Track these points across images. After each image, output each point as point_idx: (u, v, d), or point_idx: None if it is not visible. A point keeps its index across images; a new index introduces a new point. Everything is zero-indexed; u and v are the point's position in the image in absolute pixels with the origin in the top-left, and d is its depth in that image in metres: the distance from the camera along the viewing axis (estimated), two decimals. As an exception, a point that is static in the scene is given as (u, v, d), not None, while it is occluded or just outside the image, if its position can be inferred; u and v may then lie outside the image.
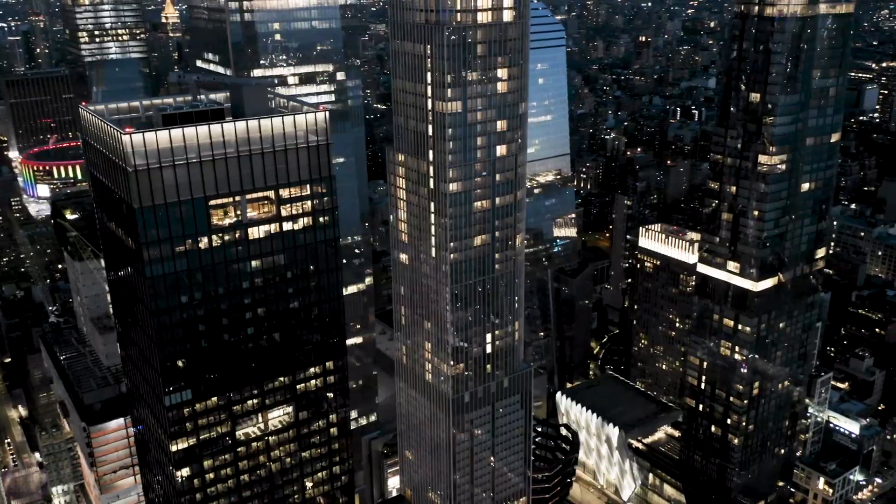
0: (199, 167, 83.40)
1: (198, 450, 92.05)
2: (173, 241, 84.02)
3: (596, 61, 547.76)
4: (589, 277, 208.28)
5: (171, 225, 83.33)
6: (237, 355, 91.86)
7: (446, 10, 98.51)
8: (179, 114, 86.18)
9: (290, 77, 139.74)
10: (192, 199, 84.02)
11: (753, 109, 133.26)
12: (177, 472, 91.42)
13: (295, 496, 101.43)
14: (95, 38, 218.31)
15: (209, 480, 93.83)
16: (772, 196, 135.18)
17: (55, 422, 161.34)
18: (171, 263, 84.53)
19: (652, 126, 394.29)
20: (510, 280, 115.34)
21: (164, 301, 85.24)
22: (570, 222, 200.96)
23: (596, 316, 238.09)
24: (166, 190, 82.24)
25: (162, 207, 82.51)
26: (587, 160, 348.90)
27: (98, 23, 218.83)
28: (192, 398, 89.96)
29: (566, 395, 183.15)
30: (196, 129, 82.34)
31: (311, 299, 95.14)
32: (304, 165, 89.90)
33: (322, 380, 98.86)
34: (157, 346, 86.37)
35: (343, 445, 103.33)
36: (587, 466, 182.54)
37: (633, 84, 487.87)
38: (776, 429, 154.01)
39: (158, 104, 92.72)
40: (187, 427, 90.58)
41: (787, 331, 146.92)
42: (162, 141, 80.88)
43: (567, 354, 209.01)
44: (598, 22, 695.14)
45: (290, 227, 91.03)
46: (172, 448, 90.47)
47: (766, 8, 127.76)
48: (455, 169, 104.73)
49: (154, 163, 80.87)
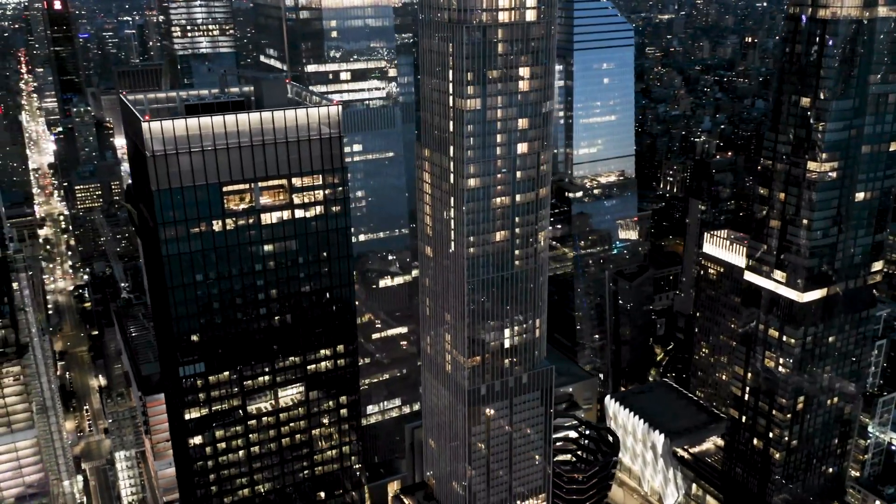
0: (213, 154, 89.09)
1: (210, 420, 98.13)
2: (188, 222, 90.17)
3: (699, 62, 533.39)
4: (648, 282, 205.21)
5: (186, 207, 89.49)
6: (249, 333, 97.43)
7: (469, 8, 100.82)
8: (202, 104, 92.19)
9: (342, 73, 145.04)
10: (207, 185, 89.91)
11: (804, 114, 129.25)
12: (190, 439, 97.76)
13: (304, 472, 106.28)
14: (187, 33, 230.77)
15: (220, 450, 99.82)
16: (821, 204, 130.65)
17: (121, 391, 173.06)
18: (186, 243, 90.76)
19: (749, 130, 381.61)
20: (532, 277, 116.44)
21: (179, 278, 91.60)
22: (631, 224, 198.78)
23: (664, 322, 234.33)
24: (182, 175, 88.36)
25: (178, 191, 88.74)
26: (675, 162, 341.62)
27: (190, 18, 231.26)
28: (206, 371, 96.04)
29: (615, 400, 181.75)
30: (211, 118, 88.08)
31: (323, 284, 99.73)
32: (317, 156, 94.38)
33: (332, 362, 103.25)
34: (173, 320, 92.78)
35: (353, 427, 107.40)
36: (633, 472, 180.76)
37: (735, 86, 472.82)
38: (824, 446, 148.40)
39: (195, 95, 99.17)
40: (200, 398, 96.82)
41: (837, 345, 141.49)
42: (179, 129, 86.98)
43: (623, 359, 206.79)
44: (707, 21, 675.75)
45: (302, 214, 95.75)
46: (186, 416, 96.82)
47: (819, 10, 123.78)
48: (474, 165, 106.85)
49: (171, 149, 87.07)
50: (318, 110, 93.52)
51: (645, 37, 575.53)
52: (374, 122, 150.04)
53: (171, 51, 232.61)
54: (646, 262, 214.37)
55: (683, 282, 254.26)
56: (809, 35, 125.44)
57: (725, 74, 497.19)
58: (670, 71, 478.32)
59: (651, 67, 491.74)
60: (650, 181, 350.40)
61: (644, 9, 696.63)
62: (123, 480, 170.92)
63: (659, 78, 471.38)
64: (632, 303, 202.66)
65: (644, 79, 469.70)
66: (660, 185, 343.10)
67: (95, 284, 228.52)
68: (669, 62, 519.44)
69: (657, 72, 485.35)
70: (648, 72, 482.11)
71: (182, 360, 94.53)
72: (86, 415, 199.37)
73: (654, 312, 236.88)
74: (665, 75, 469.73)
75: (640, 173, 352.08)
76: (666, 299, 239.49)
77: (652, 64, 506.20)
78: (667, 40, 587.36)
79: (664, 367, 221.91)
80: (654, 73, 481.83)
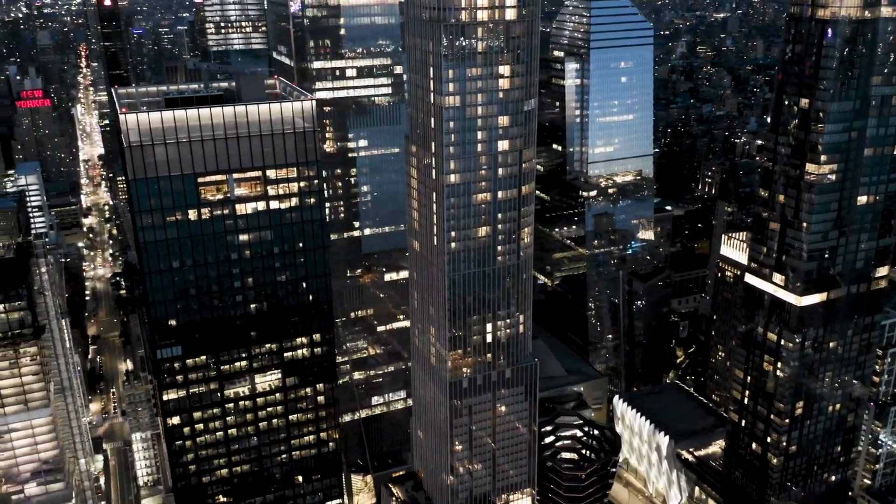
0: (188, 146, 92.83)
1: (188, 401, 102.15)
2: (164, 211, 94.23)
3: (752, 61, 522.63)
4: (665, 283, 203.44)
5: (162, 196, 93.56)
6: (226, 319, 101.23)
7: (448, 7, 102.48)
8: (181, 98, 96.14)
9: (348, 69, 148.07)
10: (183, 175, 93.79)
11: (803, 116, 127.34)
12: (168, 419, 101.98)
13: (282, 455, 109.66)
14: (221, 30, 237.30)
15: (198, 430, 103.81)
16: (819, 207, 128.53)
17: (139, 375, 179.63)
18: (162, 231, 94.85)
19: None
20: (515, 273, 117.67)
21: (157, 264, 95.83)
22: (647, 225, 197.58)
23: (687, 324, 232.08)
24: (158, 165, 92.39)
25: (154, 181, 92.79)
26: (714, 163, 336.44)
27: (224, 15, 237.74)
28: (183, 354, 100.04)
29: (623, 400, 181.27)
30: (186, 111, 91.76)
31: (298, 274, 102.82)
32: (291, 149, 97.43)
33: (309, 350, 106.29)
34: (150, 304, 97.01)
35: (330, 414, 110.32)
36: (638, 473, 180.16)
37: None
38: (825, 453, 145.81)
39: (183, 89, 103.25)
40: (178, 380, 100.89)
41: (838, 351, 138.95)
42: (154, 121, 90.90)
43: (638, 360, 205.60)
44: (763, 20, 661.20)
45: (277, 205, 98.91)
46: (164, 398, 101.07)
47: (818, 10, 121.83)
48: (454, 161, 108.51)
49: (147, 140, 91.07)
50: (293, 105, 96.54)
51: (697, 35, 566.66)
52: (379, 119, 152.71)
53: (206, 47, 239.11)
54: (664, 264, 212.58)
55: (708, 284, 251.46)
56: (809, 35, 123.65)
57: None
58: (720, 70, 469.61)
59: (700, 67, 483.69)
60: (689, 182, 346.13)
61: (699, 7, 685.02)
62: (139, 461, 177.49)
63: (708, 77, 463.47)
64: (647, 304, 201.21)
65: (693, 78, 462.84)
66: (698, 186, 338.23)
67: (128, 272, 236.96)
68: (720, 61, 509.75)
69: (706, 71, 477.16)
70: (698, 71, 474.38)
71: (160, 342, 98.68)
72: (112, 397, 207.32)
73: (679, 314, 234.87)
74: (714, 75, 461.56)
75: (678, 174, 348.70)
76: (693, 301, 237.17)
77: (702, 63, 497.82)
78: (720, 39, 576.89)
79: (683, 369, 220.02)
80: (704, 73, 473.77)
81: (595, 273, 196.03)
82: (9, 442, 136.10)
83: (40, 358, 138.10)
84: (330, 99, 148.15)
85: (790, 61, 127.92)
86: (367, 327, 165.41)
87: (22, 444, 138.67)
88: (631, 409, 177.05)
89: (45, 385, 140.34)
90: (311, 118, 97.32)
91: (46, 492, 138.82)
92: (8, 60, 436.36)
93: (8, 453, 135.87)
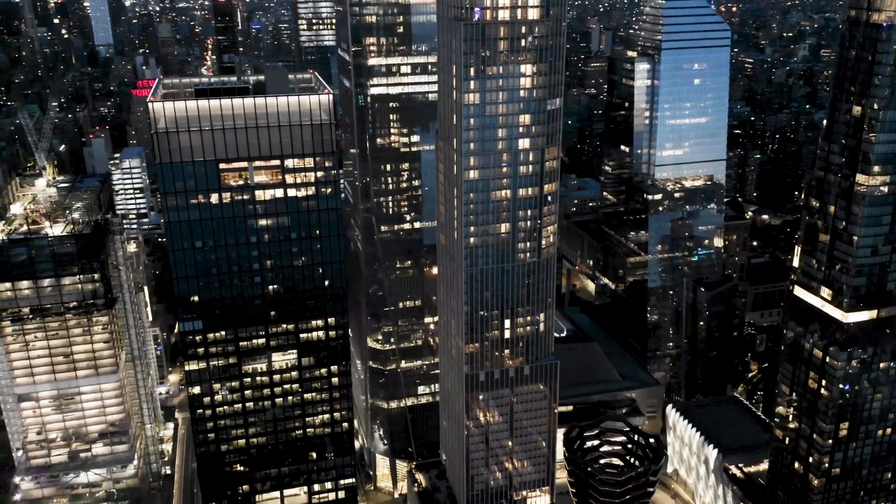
0: (210, 134, 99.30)
1: (208, 373, 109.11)
2: (188, 193, 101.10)
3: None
4: (732, 293, 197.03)
5: (185, 180, 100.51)
6: (245, 299, 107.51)
7: (470, 6, 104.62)
8: (210, 89, 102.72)
9: (402, 66, 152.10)
10: (205, 161, 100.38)
11: (856, 124, 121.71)
12: (190, 389, 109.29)
13: (297, 431, 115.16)
14: (312, 27, 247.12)
15: (217, 402, 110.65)
16: (869, 220, 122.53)
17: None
18: (185, 212, 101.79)
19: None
20: (536, 271, 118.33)
21: (180, 243, 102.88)
22: (714, 231, 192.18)
23: (765, 338, 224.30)
24: (182, 150, 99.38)
25: (179, 165, 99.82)
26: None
27: (316, 13, 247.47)
28: (203, 328, 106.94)
29: (676, 409, 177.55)
30: (209, 101, 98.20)
31: (314, 260, 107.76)
32: (308, 140, 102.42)
33: (324, 332, 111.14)
34: (174, 279, 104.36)
35: (343, 395, 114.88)
36: (687, 485, 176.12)
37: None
38: (872, 479, 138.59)
39: (214, 81, 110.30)
40: (199, 352, 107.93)
41: (890, 372, 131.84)
42: (180, 110, 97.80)
43: (700, 371, 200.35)
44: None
45: (294, 193, 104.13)
46: (186, 368, 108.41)
47: (874, 14, 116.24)
48: (474, 157, 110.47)
49: (173, 127, 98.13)
50: (310, 98, 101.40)
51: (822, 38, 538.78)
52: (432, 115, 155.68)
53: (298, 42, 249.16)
54: (737, 274, 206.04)
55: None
56: (864, 41, 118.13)
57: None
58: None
59: (821, 71, 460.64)
60: (791, 190, 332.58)
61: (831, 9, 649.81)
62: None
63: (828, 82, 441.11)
64: (712, 314, 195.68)
65: (812, 82, 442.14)
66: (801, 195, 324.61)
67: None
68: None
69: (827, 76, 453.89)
70: (818, 75, 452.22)
71: (183, 316, 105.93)
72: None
73: (757, 327, 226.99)
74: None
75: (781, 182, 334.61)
76: (776, 315, 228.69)
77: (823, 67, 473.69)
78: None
79: (755, 383, 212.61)
80: (824, 77, 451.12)
81: (658, 279, 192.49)
82: (79, 403, 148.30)
83: (111, 327, 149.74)
84: (386, 95, 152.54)
85: (844, 66, 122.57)
86: (419, 318, 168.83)
87: (91, 407, 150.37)
88: (683, 419, 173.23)
89: (115, 353, 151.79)
90: (329, 111, 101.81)
91: (111, 452, 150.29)
92: (137, 52, 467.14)
93: (77, 414, 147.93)
